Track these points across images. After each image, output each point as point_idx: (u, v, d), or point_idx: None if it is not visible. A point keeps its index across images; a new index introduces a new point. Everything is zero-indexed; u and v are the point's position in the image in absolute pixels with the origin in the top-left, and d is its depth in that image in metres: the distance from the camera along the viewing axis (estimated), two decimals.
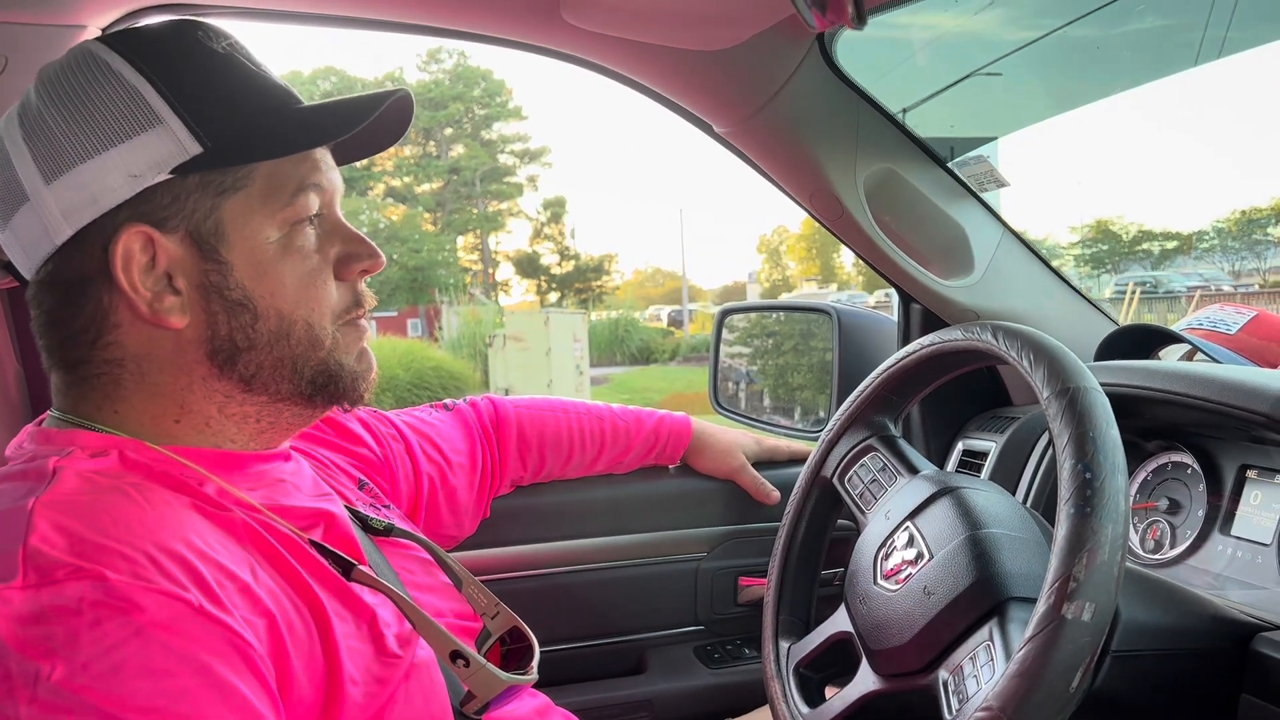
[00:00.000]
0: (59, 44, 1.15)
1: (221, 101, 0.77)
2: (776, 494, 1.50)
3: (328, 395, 0.84)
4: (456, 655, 0.82)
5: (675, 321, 32.92)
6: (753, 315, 2.16)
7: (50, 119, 0.75)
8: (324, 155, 0.84)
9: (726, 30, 1.21)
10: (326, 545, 0.81)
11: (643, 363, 22.41)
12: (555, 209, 40.53)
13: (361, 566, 0.82)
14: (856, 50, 1.33)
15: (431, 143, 36.81)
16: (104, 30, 1.18)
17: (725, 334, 1.94)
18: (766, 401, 2.01)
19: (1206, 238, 27.35)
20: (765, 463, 1.56)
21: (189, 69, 0.77)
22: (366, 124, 0.82)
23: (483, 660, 0.82)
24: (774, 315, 2.17)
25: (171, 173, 0.75)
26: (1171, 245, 27.65)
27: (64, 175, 0.74)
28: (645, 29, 1.22)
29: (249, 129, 0.78)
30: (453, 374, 14.67)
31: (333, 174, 0.85)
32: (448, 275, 31.63)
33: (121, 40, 0.78)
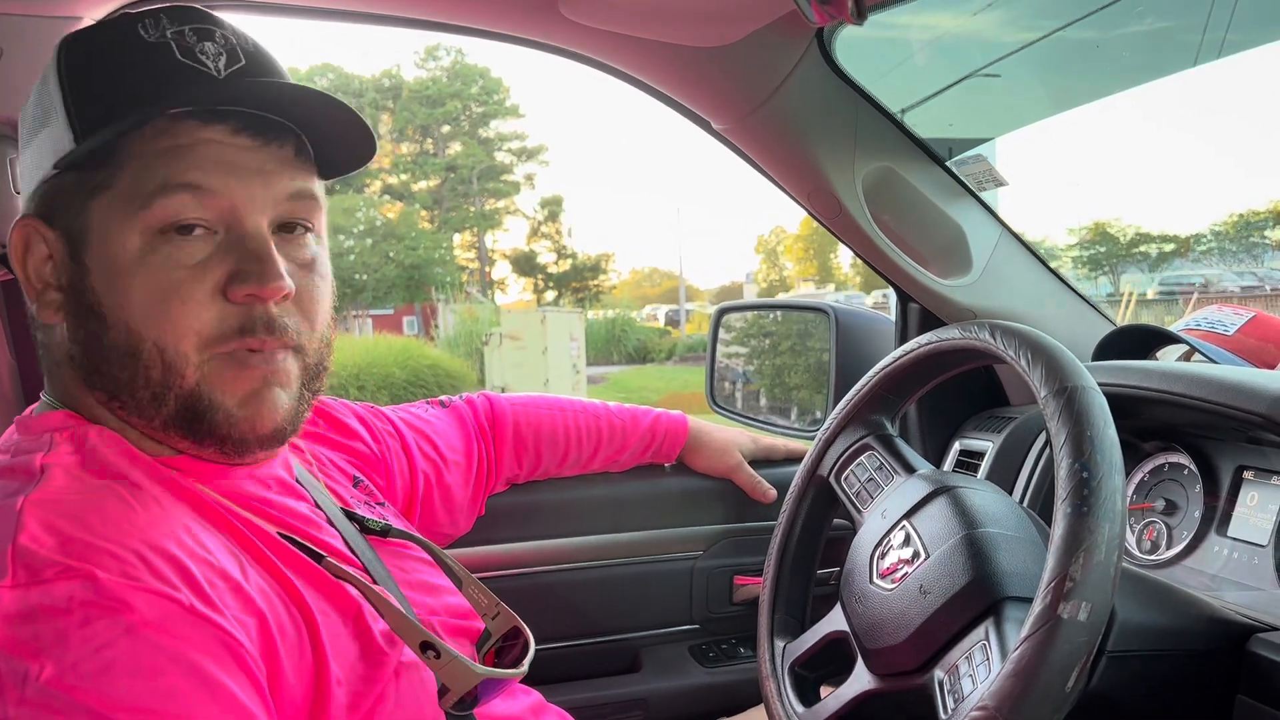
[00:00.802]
0: (55, 35, 1.14)
1: (105, 95, 0.73)
2: (773, 492, 1.50)
3: (202, 434, 0.75)
4: (427, 646, 0.79)
5: (672, 321, 32.95)
6: (750, 314, 2.16)
7: (26, 109, 0.79)
8: (223, 155, 0.74)
9: (725, 27, 1.21)
10: (295, 537, 0.80)
11: (639, 362, 22.44)
12: (552, 207, 40.53)
13: (331, 558, 0.80)
14: (855, 50, 1.32)
15: (429, 140, 36.79)
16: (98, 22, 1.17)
17: (722, 333, 1.93)
18: (763, 401, 2.01)
19: (1204, 240, 27.39)
20: (762, 461, 1.55)
21: (98, 62, 0.74)
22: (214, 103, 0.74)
23: (454, 652, 0.80)
24: (771, 314, 2.16)
25: (54, 168, 0.74)
26: (1169, 248, 27.67)
27: (18, 165, 0.78)
28: (644, 25, 1.21)
29: (105, 112, 0.72)
30: (449, 372, 14.64)
31: (233, 181, 0.74)
32: (444, 273, 31.61)
33: (69, 37, 0.77)
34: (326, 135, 0.80)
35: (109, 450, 0.74)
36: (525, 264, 41.21)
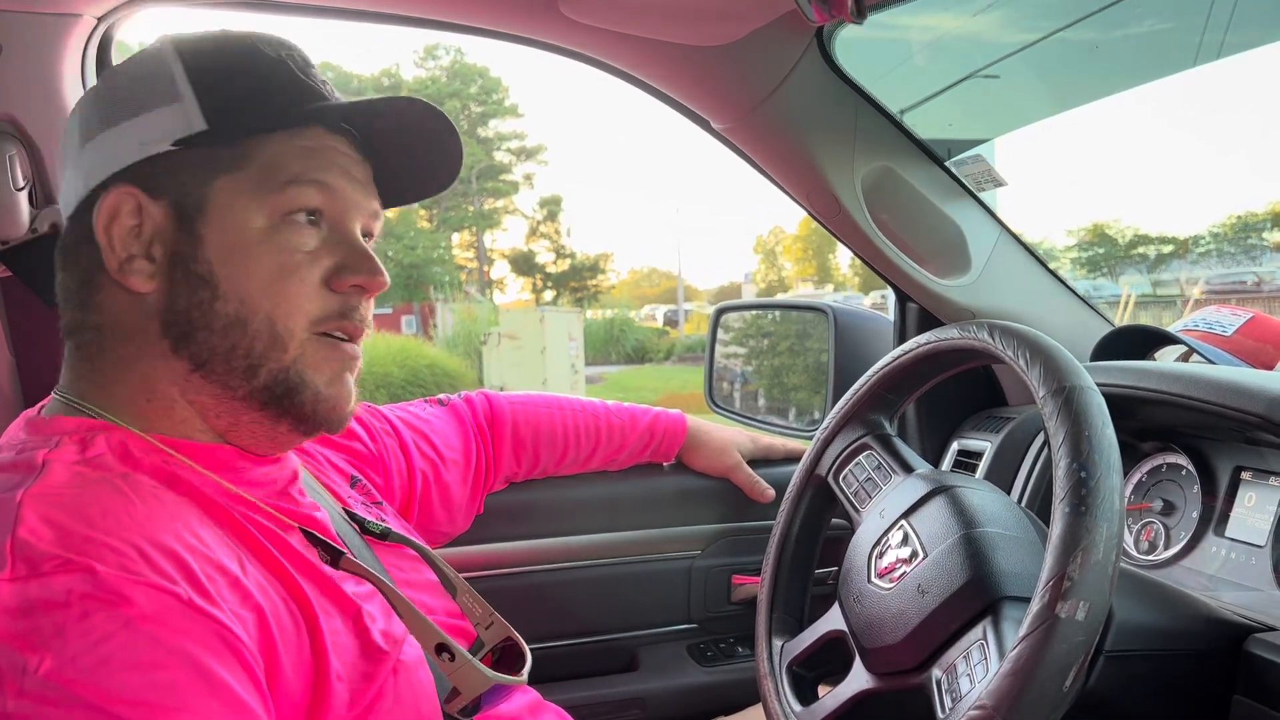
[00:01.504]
0: (56, 32, 1.15)
1: (242, 91, 0.79)
2: (771, 492, 1.50)
3: (285, 409, 0.80)
4: (442, 648, 0.81)
5: (670, 321, 32.94)
6: (749, 314, 2.16)
7: (100, 94, 0.81)
8: (343, 163, 0.82)
9: (725, 26, 1.21)
10: (317, 534, 0.81)
11: (638, 362, 22.42)
12: (551, 207, 40.50)
13: (348, 555, 0.81)
14: (854, 50, 1.32)
15: None
16: (99, 19, 1.18)
17: (721, 333, 1.93)
18: (761, 401, 2.01)
19: (1202, 242, 27.38)
20: (761, 461, 1.55)
21: (224, 62, 0.80)
22: (392, 147, 0.84)
23: (468, 656, 0.82)
24: (770, 314, 2.16)
25: (174, 144, 0.77)
26: (1168, 249, 27.65)
27: (93, 140, 0.78)
28: (643, 24, 1.21)
29: (250, 111, 0.78)
30: (447, 371, 14.64)
31: (350, 186, 0.83)
32: (443, 273, 31.57)
33: (186, 38, 0.81)
34: (412, 160, 0.90)
35: (114, 449, 0.74)
36: (524, 264, 41.19)
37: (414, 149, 0.89)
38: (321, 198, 0.80)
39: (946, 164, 1.49)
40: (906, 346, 1.04)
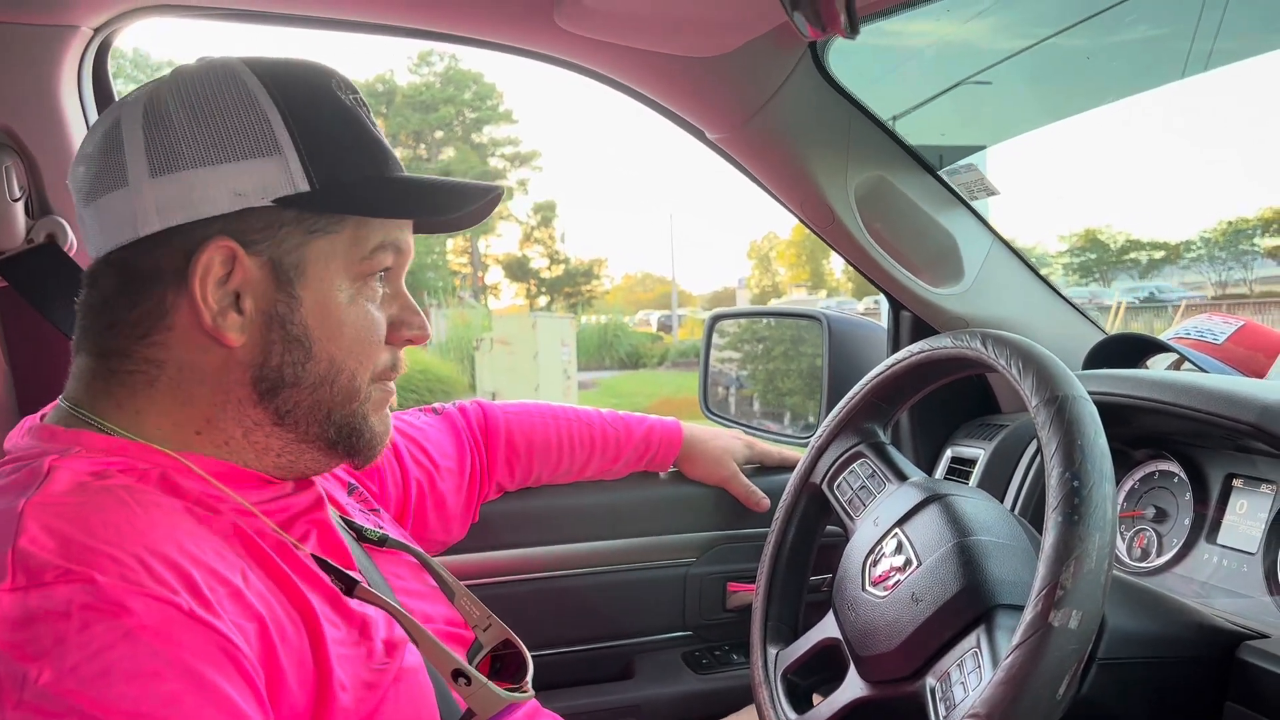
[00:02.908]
0: (52, 43, 1.15)
1: (338, 148, 0.80)
2: (766, 501, 1.50)
3: (346, 448, 0.85)
4: (458, 674, 0.82)
5: (665, 326, 32.86)
6: (743, 321, 2.16)
7: (175, 118, 0.76)
8: (405, 221, 0.86)
9: (719, 37, 1.21)
10: (328, 560, 0.81)
11: (631, 367, 22.32)
12: (545, 213, 40.44)
13: (363, 584, 0.82)
14: (847, 58, 1.33)
15: (421, 145, 36.72)
16: (96, 29, 1.18)
17: (716, 339, 1.94)
18: (756, 406, 2.01)
19: (1194, 247, 27.49)
20: (755, 467, 1.56)
21: (316, 110, 0.79)
22: (458, 215, 0.87)
23: (484, 679, 0.83)
24: (765, 321, 2.17)
25: (274, 201, 0.76)
26: (1159, 255, 27.72)
27: (172, 174, 0.75)
28: (638, 35, 1.22)
29: (356, 181, 0.80)
30: (439, 377, 14.55)
31: (410, 240, 0.87)
32: (436, 278, 31.48)
33: (261, 65, 0.80)
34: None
35: (126, 466, 0.74)
36: (518, 269, 41.14)
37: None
38: (394, 259, 0.85)
39: (939, 173, 1.50)
40: (900, 355, 1.05)
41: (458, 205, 0.86)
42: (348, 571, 0.82)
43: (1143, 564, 1.22)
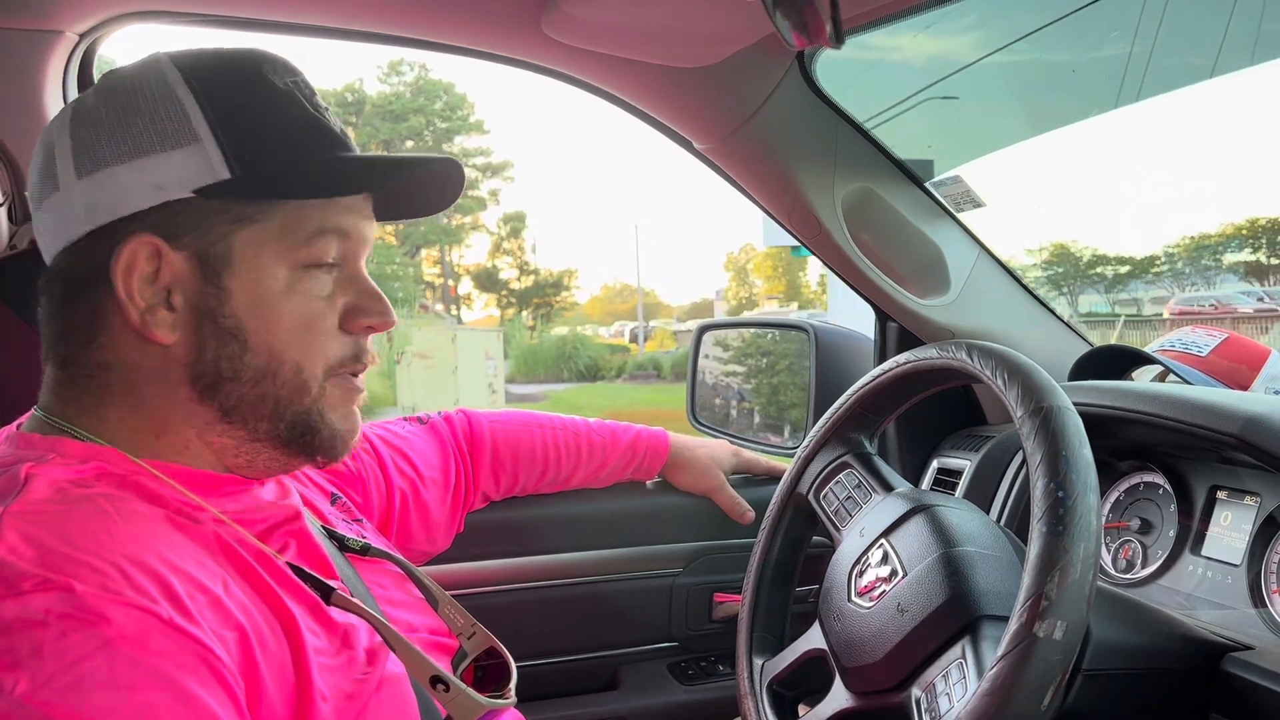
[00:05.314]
0: (38, 48, 1.15)
1: (262, 134, 0.77)
2: (752, 514, 1.50)
3: (302, 446, 0.83)
4: (436, 680, 0.82)
5: (636, 338, 32.88)
6: (747, 334, 2.16)
7: (99, 118, 0.76)
8: (357, 204, 0.83)
9: (707, 48, 1.21)
10: (304, 569, 0.81)
11: (590, 379, 22.18)
12: (515, 223, 40.46)
13: (339, 590, 0.81)
14: (834, 69, 1.34)
15: None
16: (81, 35, 1.17)
17: (718, 350, 1.95)
18: (757, 419, 2.01)
19: (1159, 262, 27.72)
20: (742, 477, 1.56)
21: (243, 96, 0.78)
22: (398, 182, 0.84)
23: (462, 685, 0.82)
24: (769, 335, 2.17)
25: (194, 192, 0.75)
26: (1124, 270, 27.89)
27: (96, 173, 0.75)
28: (626, 45, 1.22)
29: (280, 165, 0.78)
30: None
31: (364, 225, 0.84)
32: (400, 288, 31.19)
33: (185, 57, 0.79)
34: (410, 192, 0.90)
35: (103, 472, 0.73)
36: (487, 280, 41.17)
37: (424, 184, 0.90)
38: (340, 244, 0.81)
39: (926, 185, 1.50)
40: (886, 366, 1.05)
41: (394, 174, 0.83)
42: (325, 580, 0.81)
43: (1128, 575, 1.22)
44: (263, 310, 0.78)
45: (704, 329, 1.98)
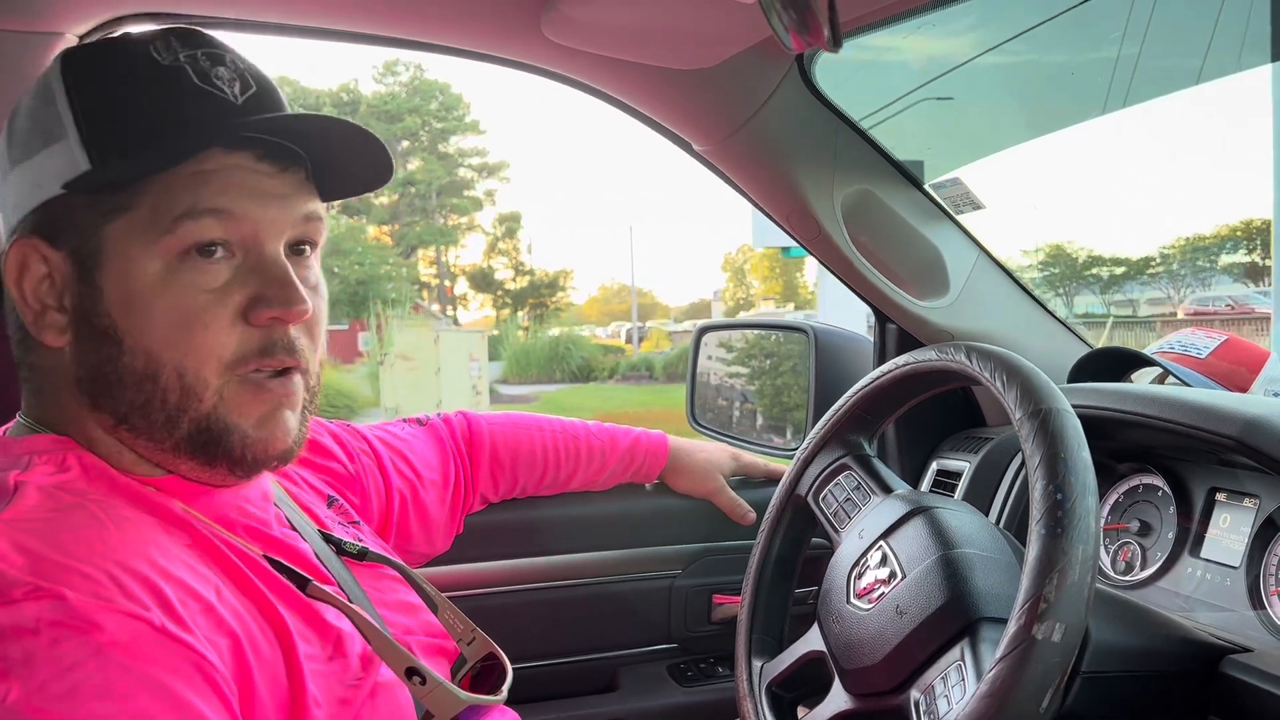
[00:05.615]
0: (36, 51, 1.14)
1: (124, 118, 0.73)
2: (752, 515, 1.50)
3: (214, 455, 0.75)
4: (413, 672, 0.80)
5: (633, 338, 32.84)
6: (751, 336, 2.16)
7: (13, 123, 0.77)
8: (248, 181, 0.74)
9: (706, 50, 1.21)
10: (281, 561, 0.79)
11: (582, 380, 22.12)
12: (510, 224, 40.50)
13: (316, 582, 0.79)
14: (834, 71, 1.34)
15: None
16: (81, 38, 1.17)
17: (721, 352, 1.95)
18: (760, 421, 2.01)
19: (1154, 263, 27.74)
20: (741, 479, 1.56)
21: (114, 82, 0.74)
22: (314, 153, 0.77)
23: (439, 678, 0.81)
24: (773, 337, 2.17)
25: (63, 188, 0.73)
26: (1120, 271, 27.89)
27: (9, 175, 0.76)
28: (626, 47, 1.22)
29: (136, 145, 0.72)
30: (341, 391, 14.08)
31: (257, 205, 0.75)
32: (393, 288, 31.10)
33: (79, 53, 0.77)
34: (338, 160, 0.81)
35: (88, 471, 0.73)
36: (483, 280, 41.18)
37: (336, 152, 0.81)
38: (224, 227, 0.73)
39: (925, 186, 1.50)
40: (885, 368, 1.05)
41: (233, 126, 0.74)
42: (297, 570, 0.79)
43: (1126, 577, 1.22)
44: (134, 307, 0.72)
45: (703, 330, 1.98)
